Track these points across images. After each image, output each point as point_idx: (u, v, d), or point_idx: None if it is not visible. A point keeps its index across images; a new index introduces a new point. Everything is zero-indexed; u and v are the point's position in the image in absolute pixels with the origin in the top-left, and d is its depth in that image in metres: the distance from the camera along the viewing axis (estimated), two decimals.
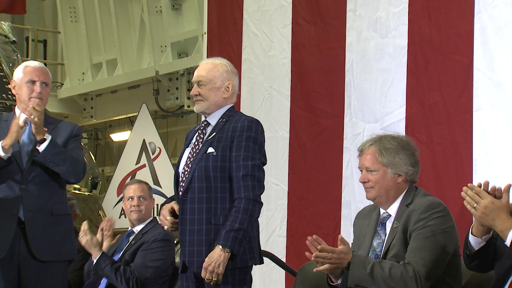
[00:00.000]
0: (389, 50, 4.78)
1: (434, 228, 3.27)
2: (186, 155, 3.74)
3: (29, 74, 4.00)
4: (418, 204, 3.35)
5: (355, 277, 3.26)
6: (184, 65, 9.27)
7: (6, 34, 8.25)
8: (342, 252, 3.28)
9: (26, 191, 3.93)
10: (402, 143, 3.46)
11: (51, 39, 12.28)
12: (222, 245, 3.51)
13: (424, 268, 3.22)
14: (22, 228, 3.91)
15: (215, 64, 3.76)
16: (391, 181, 3.41)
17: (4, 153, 3.87)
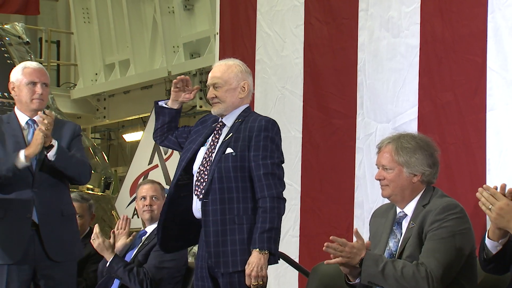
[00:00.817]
0: (401, 50, 4.77)
1: (449, 230, 3.25)
2: (201, 155, 3.75)
3: (29, 75, 4.02)
4: (435, 205, 3.34)
5: (367, 274, 3.25)
6: (196, 66, 9.29)
7: (19, 35, 8.28)
8: (355, 247, 3.26)
9: (38, 194, 3.97)
10: (421, 143, 3.43)
11: (64, 40, 12.34)
12: (259, 248, 3.54)
13: (437, 269, 3.20)
14: (35, 230, 3.96)
15: (229, 65, 3.78)
16: (406, 180, 3.40)
17: (26, 162, 3.91)
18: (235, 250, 3.59)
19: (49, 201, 3.98)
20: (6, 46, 7.86)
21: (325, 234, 5.06)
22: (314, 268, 4.13)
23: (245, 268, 3.57)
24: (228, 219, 3.61)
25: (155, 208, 4.81)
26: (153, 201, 4.84)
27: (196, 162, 3.76)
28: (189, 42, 9.40)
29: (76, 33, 10.83)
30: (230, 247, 3.59)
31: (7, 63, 7.70)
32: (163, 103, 3.92)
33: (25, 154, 3.90)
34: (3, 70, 7.62)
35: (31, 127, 3.98)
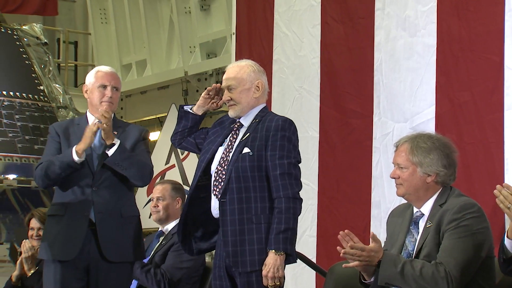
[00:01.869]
0: (418, 49, 4.76)
1: (467, 229, 3.24)
2: (219, 155, 3.77)
3: (101, 79, 4.12)
4: (452, 204, 3.33)
5: (385, 275, 3.25)
6: (213, 66, 9.30)
7: (37, 36, 8.33)
8: (373, 250, 3.27)
9: (97, 194, 4.04)
10: (437, 143, 3.42)
11: (81, 40, 12.39)
12: (275, 249, 3.55)
13: (456, 269, 3.19)
14: (92, 230, 4.02)
15: (241, 66, 3.80)
16: (420, 180, 3.39)
17: (78, 158, 3.97)
18: (253, 250, 3.60)
19: (107, 201, 4.03)
20: (24, 47, 7.91)
21: None
22: (331, 268, 4.13)
23: (262, 269, 3.58)
24: (246, 219, 3.62)
25: (160, 209, 4.85)
26: (159, 202, 4.88)
27: (214, 162, 3.77)
28: (206, 42, 9.41)
29: (93, 33, 10.87)
30: (248, 246, 3.60)
31: (26, 64, 7.75)
32: (188, 108, 3.92)
33: (76, 149, 3.97)
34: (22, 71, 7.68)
35: (99, 130, 4.03)
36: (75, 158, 3.98)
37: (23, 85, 7.53)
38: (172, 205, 4.94)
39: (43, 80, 7.88)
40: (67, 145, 4.09)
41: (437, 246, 3.28)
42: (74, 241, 4.00)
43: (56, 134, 4.14)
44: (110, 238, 4.02)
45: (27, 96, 7.45)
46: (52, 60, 8.38)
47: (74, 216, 4.03)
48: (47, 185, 4.15)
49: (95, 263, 4.02)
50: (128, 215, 4.11)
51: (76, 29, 12.27)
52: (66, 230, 4.02)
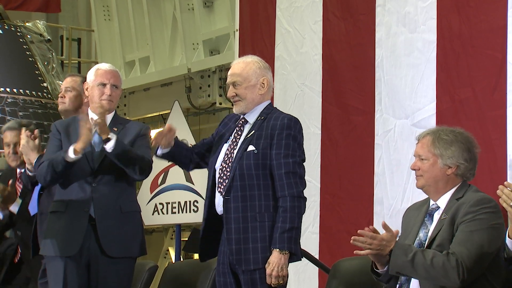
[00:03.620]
0: (418, 45, 4.75)
1: (483, 222, 3.23)
2: (224, 152, 3.77)
3: (100, 77, 4.13)
4: (469, 198, 3.32)
5: (396, 264, 3.23)
6: (216, 63, 9.29)
7: (41, 33, 8.34)
8: (384, 240, 3.25)
9: (97, 190, 4.05)
10: (459, 136, 3.42)
11: (85, 37, 12.39)
12: (279, 248, 3.56)
13: (469, 260, 3.18)
14: (92, 225, 4.03)
15: (247, 62, 3.79)
16: (440, 171, 3.38)
17: (75, 156, 3.98)
18: (256, 248, 3.60)
19: (107, 197, 4.05)
20: (28, 44, 7.92)
21: (344, 231, 5.07)
22: (334, 264, 4.13)
23: (266, 267, 3.58)
24: (250, 217, 3.63)
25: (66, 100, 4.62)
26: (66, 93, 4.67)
27: (219, 159, 3.77)
28: (209, 39, 9.41)
29: (96, 30, 10.87)
30: (251, 244, 3.61)
31: (29, 61, 7.76)
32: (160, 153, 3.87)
33: (75, 147, 3.98)
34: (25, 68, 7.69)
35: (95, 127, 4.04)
36: (72, 156, 3.98)
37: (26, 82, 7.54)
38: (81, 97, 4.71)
39: (46, 77, 7.89)
40: (67, 142, 4.10)
41: (450, 237, 3.26)
42: (75, 237, 4.02)
43: (57, 132, 4.16)
44: (110, 233, 4.03)
45: (31, 93, 7.46)
46: (55, 57, 8.39)
47: (74, 212, 4.05)
48: (49, 183, 4.16)
49: (96, 259, 4.04)
50: (128, 210, 4.12)
51: (79, 26, 12.27)
52: (67, 226, 4.04)
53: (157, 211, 7.88)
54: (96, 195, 4.05)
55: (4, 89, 7.26)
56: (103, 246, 4.02)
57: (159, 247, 10.45)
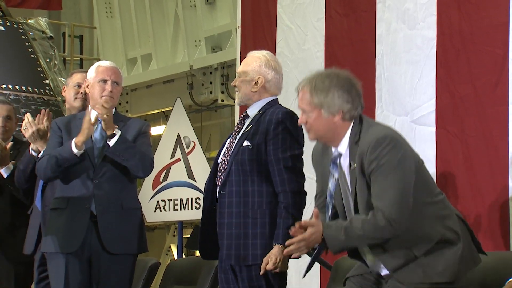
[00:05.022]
0: (417, 42, 4.75)
1: (388, 165, 3.13)
2: (226, 146, 3.79)
3: (101, 73, 4.14)
4: (366, 142, 3.21)
5: (335, 246, 3.17)
6: (218, 59, 9.30)
7: (43, 30, 8.34)
8: (312, 233, 3.16)
9: (98, 186, 4.06)
10: (335, 80, 3.27)
11: (87, 34, 12.41)
12: (283, 244, 3.52)
13: (394, 209, 3.10)
14: (94, 222, 4.05)
15: (254, 57, 3.82)
16: (327, 121, 3.25)
17: (77, 150, 4.00)
18: (247, 244, 3.60)
19: (108, 193, 4.06)
20: (30, 41, 7.92)
21: None
22: (336, 261, 4.13)
23: (265, 260, 3.58)
24: (243, 212, 3.63)
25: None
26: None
27: (222, 153, 3.79)
28: (211, 36, 9.42)
29: (98, 27, 10.89)
30: (242, 240, 3.61)
31: (31, 58, 7.76)
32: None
33: (75, 141, 4.00)
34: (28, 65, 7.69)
35: (99, 123, 4.06)
36: (74, 150, 4.00)
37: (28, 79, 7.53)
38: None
39: (48, 74, 7.89)
40: (68, 139, 4.11)
41: (368, 189, 3.19)
42: (76, 233, 4.03)
43: (58, 129, 4.17)
44: (111, 230, 4.04)
45: (33, 90, 7.45)
46: (57, 54, 8.40)
47: (75, 208, 4.06)
48: (49, 178, 4.17)
49: (97, 255, 4.05)
50: (129, 207, 4.13)
51: (82, 23, 12.29)
52: (68, 222, 4.05)
53: (159, 208, 7.88)
54: (98, 192, 4.06)
55: (6, 86, 7.26)
56: (104, 243, 4.03)
57: (161, 244, 10.47)
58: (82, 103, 4.56)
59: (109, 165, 4.07)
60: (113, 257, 4.05)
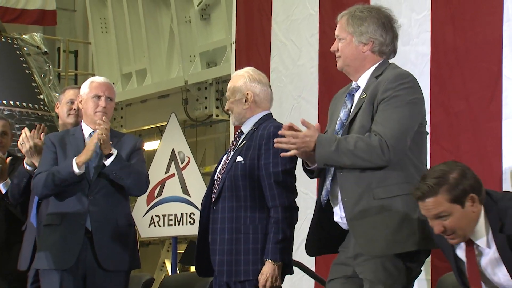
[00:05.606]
0: (411, 58, 4.76)
1: (402, 99, 3.15)
2: (221, 163, 3.80)
3: (95, 89, 4.15)
4: (387, 75, 3.24)
5: (322, 156, 3.15)
6: (213, 75, 9.31)
7: (38, 45, 8.34)
8: (307, 136, 3.17)
9: (93, 202, 4.06)
10: (374, 12, 3.32)
11: (82, 49, 12.41)
12: (273, 259, 3.55)
13: (392, 137, 3.10)
14: (89, 238, 4.04)
15: (238, 75, 3.84)
16: (355, 49, 3.29)
17: (78, 170, 4.00)
18: (239, 260, 3.60)
19: (104, 210, 4.06)
20: (24, 56, 7.92)
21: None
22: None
23: (259, 278, 3.58)
24: (235, 228, 3.63)
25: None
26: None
27: (218, 170, 3.80)
28: (206, 52, 9.43)
29: (93, 43, 10.90)
30: (234, 256, 3.61)
31: (26, 73, 7.76)
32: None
33: (76, 161, 4.00)
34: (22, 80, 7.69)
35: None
36: (76, 170, 4.00)
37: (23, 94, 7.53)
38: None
39: (43, 89, 7.88)
40: (63, 155, 4.10)
41: (370, 116, 3.18)
42: (71, 250, 4.02)
43: (52, 145, 4.16)
44: (106, 246, 4.04)
45: (27, 105, 7.45)
46: (52, 69, 8.39)
47: (70, 225, 4.05)
48: (45, 195, 4.16)
49: (92, 272, 4.04)
50: (124, 224, 4.14)
51: (77, 38, 12.30)
52: (62, 239, 4.04)
53: (154, 223, 7.86)
54: (93, 208, 4.05)
55: (1, 101, 7.26)
56: (99, 259, 4.02)
57: (155, 259, 10.43)
58: (75, 119, 4.56)
59: (104, 182, 4.08)
60: (108, 274, 4.04)
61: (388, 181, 3.14)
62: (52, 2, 10.45)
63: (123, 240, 4.10)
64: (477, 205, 2.93)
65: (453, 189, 2.90)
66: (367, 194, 3.15)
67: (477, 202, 2.93)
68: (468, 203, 2.91)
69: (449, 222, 2.91)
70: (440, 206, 2.90)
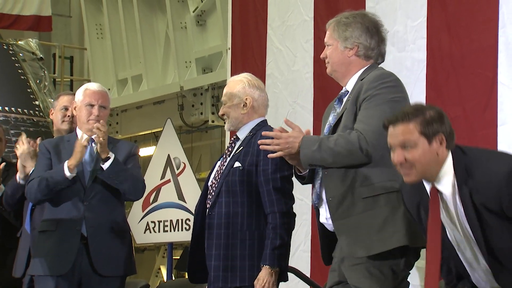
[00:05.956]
0: (407, 64, 4.77)
1: (383, 97, 3.16)
2: (216, 168, 3.79)
3: (89, 97, 4.16)
4: (370, 76, 3.26)
5: (306, 155, 3.16)
6: (209, 81, 9.31)
7: (33, 51, 8.34)
8: (291, 136, 3.19)
9: (89, 208, 4.06)
10: (358, 17, 3.35)
11: (77, 55, 12.40)
12: (270, 265, 3.55)
13: (371, 134, 3.11)
14: (84, 244, 4.04)
15: (235, 81, 3.83)
16: (341, 54, 3.33)
17: (70, 173, 4.00)
18: (235, 266, 3.60)
19: (99, 215, 4.07)
20: (20, 62, 7.92)
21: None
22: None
23: (255, 284, 3.57)
24: (231, 233, 3.63)
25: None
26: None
27: (211, 176, 3.79)
28: (202, 57, 9.43)
29: (89, 48, 10.89)
30: (230, 262, 3.60)
31: (21, 79, 7.75)
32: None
33: (68, 164, 4.00)
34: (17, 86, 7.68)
35: (88, 145, 4.08)
36: (67, 174, 4.00)
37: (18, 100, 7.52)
38: None
39: (38, 95, 7.88)
40: (58, 161, 4.11)
41: (353, 116, 3.20)
42: (67, 256, 4.01)
43: (47, 151, 4.16)
44: (102, 252, 4.04)
45: (22, 111, 7.44)
46: (47, 75, 8.38)
47: (66, 230, 4.05)
48: (39, 201, 4.15)
49: (88, 278, 4.03)
50: (119, 229, 4.14)
51: (72, 44, 12.29)
52: (58, 245, 4.04)
53: (149, 229, 7.84)
54: (89, 213, 4.05)
55: None
56: (94, 265, 4.02)
57: (151, 265, 10.41)
58: (69, 126, 4.55)
59: (100, 187, 4.08)
60: (103, 279, 4.04)
61: (371, 180, 3.15)
62: (47, 8, 10.44)
63: (119, 245, 4.10)
64: (443, 149, 2.89)
65: (426, 123, 2.88)
66: (351, 193, 3.15)
67: (444, 146, 2.89)
68: (436, 143, 2.88)
69: (411, 154, 2.87)
70: (408, 134, 2.88)
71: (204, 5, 9.24)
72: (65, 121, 4.58)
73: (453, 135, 2.93)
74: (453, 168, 2.88)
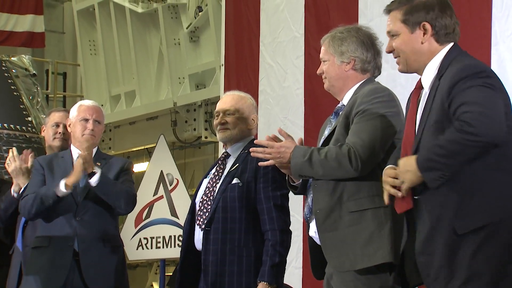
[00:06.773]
0: (401, 81, 4.78)
1: (374, 111, 3.17)
2: (205, 185, 3.76)
3: (83, 112, 4.20)
4: (363, 90, 3.27)
5: (296, 165, 3.16)
6: (202, 97, 9.32)
7: (26, 67, 8.33)
8: (283, 146, 3.19)
9: (81, 223, 4.09)
10: (353, 31, 3.36)
11: (70, 71, 12.41)
12: (268, 282, 3.56)
13: (361, 148, 3.11)
14: (76, 260, 4.06)
15: (242, 96, 3.86)
16: (338, 69, 3.33)
17: (66, 190, 4.02)
18: (231, 282, 3.60)
19: (92, 231, 4.09)
20: (13, 78, 7.91)
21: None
22: None
23: None
24: (228, 249, 3.63)
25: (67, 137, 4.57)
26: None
27: (199, 193, 3.79)
28: (195, 74, 9.45)
29: (82, 65, 10.90)
30: (227, 278, 3.60)
31: (14, 95, 7.74)
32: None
33: (65, 182, 4.01)
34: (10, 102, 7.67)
35: None
36: (64, 191, 4.00)
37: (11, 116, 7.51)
38: None
39: (31, 111, 7.87)
40: (51, 177, 4.11)
41: (345, 129, 3.21)
42: (59, 271, 4.03)
43: (41, 167, 4.17)
44: (94, 267, 4.05)
45: (15, 127, 7.43)
46: (40, 91, 8.38)
47: (58, 247, 4.07)
48: (33, 217, 4.15)
49: None
50: (111, 244, 4.15)
51: (65, 60, 12.29)
52: (50, 261, 4.06)
53: (142, 245, 7.82)
54: (81, 229, 4.07)
55: None
56: (86, 280, 4.03)
57: (143, 282, 10.38)
58: (61, 143, 4.55)
59: (92, 203, 4.09)
60: None
61: (360, 194, 3.15)
62: (40, 24, 10.47)
63: (111, 261, 4.11)
64: (429, 39, 2.83)
65: (410, 10, 2.82)
66: (338, 206, 3.16)
67: (429, 35, 2.83)
68: (419, 31, 2.82)
69: (395, 42, 2.87)
70: (391, 22, 2.87)
71: (197, 22, 9.27)
72: (57, 138, 4.58)
73: (449, 27, 2.83)
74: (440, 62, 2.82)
